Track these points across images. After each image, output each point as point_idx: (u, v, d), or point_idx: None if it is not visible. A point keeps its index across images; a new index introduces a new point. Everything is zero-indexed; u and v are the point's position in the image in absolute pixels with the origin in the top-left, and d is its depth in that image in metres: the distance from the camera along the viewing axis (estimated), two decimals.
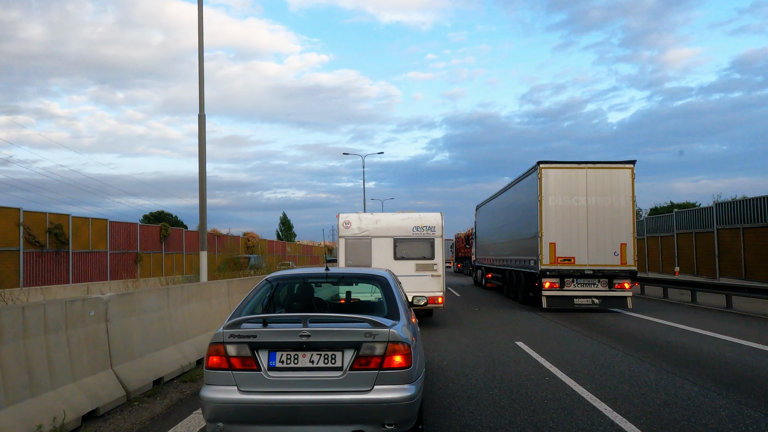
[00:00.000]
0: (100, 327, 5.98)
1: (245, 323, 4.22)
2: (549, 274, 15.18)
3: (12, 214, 22.99)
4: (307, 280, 5.70)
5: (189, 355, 7.80)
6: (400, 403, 3.96)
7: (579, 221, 15.00)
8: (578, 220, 15.03)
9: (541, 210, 15.24)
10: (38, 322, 5.03)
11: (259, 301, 5.05)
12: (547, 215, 15.22)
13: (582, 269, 15.02)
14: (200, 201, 13.87)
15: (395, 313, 4.66)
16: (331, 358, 4.04)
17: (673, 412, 5.65)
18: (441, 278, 12.62)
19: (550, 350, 9.26)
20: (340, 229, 12.84)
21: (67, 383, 5.27)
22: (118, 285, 17.35)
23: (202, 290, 9.09)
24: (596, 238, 15.02)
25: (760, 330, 11.41)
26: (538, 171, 15.33)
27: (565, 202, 15.20)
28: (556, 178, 15.28)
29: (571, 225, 15.10)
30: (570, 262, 15.08)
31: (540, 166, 15.31)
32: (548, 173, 15.27)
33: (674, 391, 6.49)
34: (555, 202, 15.23)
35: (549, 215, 15.21)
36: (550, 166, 15.30)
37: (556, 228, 15.16)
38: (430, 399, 6.13)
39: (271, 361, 4.05)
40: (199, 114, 13.71)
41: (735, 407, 5.82)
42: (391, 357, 4.02)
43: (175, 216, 57.18)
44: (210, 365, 4.11)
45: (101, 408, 5.56)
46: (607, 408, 5.79)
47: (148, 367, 6.72)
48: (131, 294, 6.83)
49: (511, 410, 5.76)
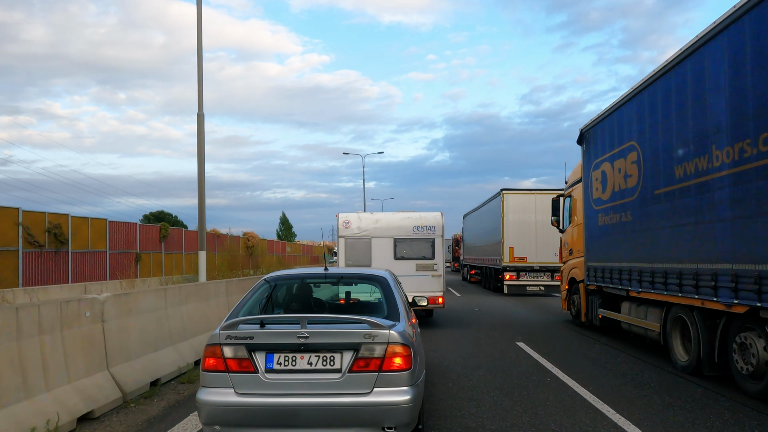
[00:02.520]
0: (96, 328, 5.91)
1: (242, 324, 4.14)
2: (508, 269, 21.29)
3: (11, 213, 22.91)
4: (306, 280, 5.62)
5: (187, 356, 7.72)
6: (400, 406, 3.88)
7: (530, 231, 20.30)
8: (529, 230, 20.45)
9: (503, 223, 21.24)
10: (32, 322, 4.95)
11: (257, 301, 4.98)
12: (507, 227, 21.22)
13: (532, 265, 21.05)
14: (199, 201, 13.80)
15: (395, 314, 4.58)
16: (330, 360, 3.96)
17: (676, 414, 5.57)
18: (441, 278, 12.55)
19: (551, 351, 9.18)
20: (340, 228, 12.77)
21: (62, 385, 5.19)
22: (117, 285, 17.28)
23: (200, 290, 9.02)
24: (542, 243, 20.57)
25: None
26: (501, 196, 21.47)
27: (520, 218, 20.96)
28: (515, 201, 21.27)
29: (524, 234, 20.80)
30: (523, 261, 21.11)
31: (503, 192, 21.43)
32: (509, 197, 21.39)
33: (677, 393, 6.42)
34: (513, 218, 21.16)
35: (509, 227, 21.22)
36: (510, 192, 21.44)
37: (513, 236, 21.07)
38: (430, 401, 6.05)
39: (269, 362, 3.98)
40: (198, 113, 13.65)
41: (739, 409, 5.75)
42: (391, 359, 3.94)
43: (175, 216, 57.11)
44: (206, 367, 4.03)
45: (97, 410, 5.48)
46: (609, 410, 5.71)
47: (145, 368, 6.64)
48: (128, 294, 6.75)
49: (513, 412, 5.68)
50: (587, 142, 11.40)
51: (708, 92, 6.86)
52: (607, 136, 10.19)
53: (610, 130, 10.07)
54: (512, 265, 21.19)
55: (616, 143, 9.73)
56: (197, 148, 13.69)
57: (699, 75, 7.05)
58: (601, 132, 10.55)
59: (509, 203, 21.34)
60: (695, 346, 7.22)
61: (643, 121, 8.64)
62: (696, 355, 7.19)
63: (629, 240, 9.17)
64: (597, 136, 10.78)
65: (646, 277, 8.42)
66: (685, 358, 7.60)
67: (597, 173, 10.75)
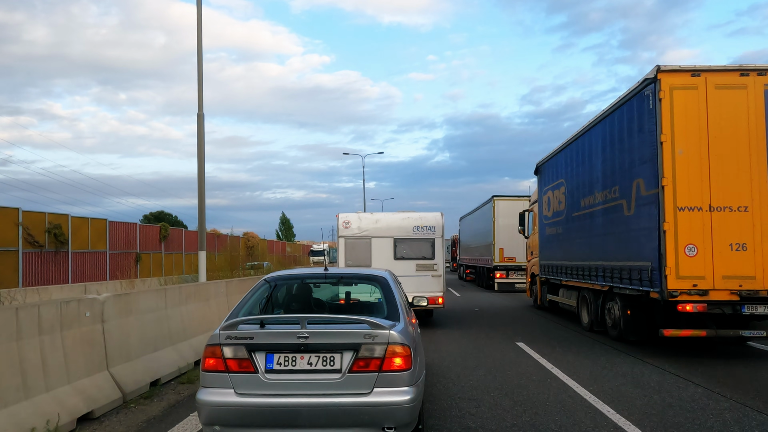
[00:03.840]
0: (95, 328, 5.90)
1: (242, 324, 4.14)
2: (499, 268, 23.39)
3: (11, 213, 22.89)
4: (306, 280, 5.62)
5: (187, 356, 7.71)
6: (400, 406, 3.88)
7: (518, 234, 20.03)
8: (517, 233, 20.09)
9: (494, 226, 23.36)
10: (32, 323, 4.95)
11: (257, 301, 4.97)
12: (498, 230, 23.26)
13: (520, 265, 22.26)
14: (199, 201, 13.79)
15: (395, 314, 4.58)
16: (330, 360, 3.96)
17: (677, 414, 5.57)
18: (441, 278, 12.54)
19: (550, 351, 9.18)
20: (340, 228, 12.76)
21: (62, 385, 5.19)
22: (117, 285, 17.27)
23: (200, 290, 9.01)
24: None
25: None
26: (492, 201, 23.66)
27: (509, 222, 21.96)
28: (504, 206, 23.14)
29: (513, 236, 21.70)
30: (512, 261, 23.03)
31: (494, 199, 23.63)
32: (499, 203, 23.45)
33: (677, 393, 6.41)
34: (503, 222, 22.95)
35: (499, 230, 23.22)
36: (500, 198, 23.56)
37: (503, 238, 23.00)
38: (430, 401, 6.05)
39: (269, 363, 3.97)
40: (198, 113, 13.64)
41: (740, 409, 5.74)
42: (391, 359, 3.94)
43: (175, 216, 57.08)
44: (206, 367, 4.02)
45: (96, 410, 5.47)
46: (609, 410, 5.71)
47: (145, 368, 6.64)
48: (128, 294, 6.75)
49: (513, 412, 5.68)
50: (540, 174, 15.39)
51: (594, 156, 10.91)
52: (551, 172, 14.29)
53: (551, 169, 14.20)
54: (502, 265, 23.35)
55: (554, 178, 13.89)
56: (197, 148, 13.68)
57: (590, 144, 11.12)
58: (547, 169, 14.71)
59: (499, 208, 23.41)
60: (591, 313, 11.31)
61: (568, 166, 12.70)
62: (592, 318, 11.25)
63: (561, 246, 13.27)
64: (545, 171, 14.91)
65: (569, 271, 12.41)
66: (586, 321, 11.69)
67: (545, 197, 14.85)
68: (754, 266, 7.92)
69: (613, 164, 9.80)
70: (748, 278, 7.92)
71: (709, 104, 8.16)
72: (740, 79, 8.22)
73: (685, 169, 8.06)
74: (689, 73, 8.23)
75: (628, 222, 9.28)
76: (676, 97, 8.16)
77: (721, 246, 7.96)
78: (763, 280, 7.92)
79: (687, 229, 7.99)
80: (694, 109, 8.15)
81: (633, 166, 9.06)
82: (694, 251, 7.98)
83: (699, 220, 8.02)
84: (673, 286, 7.95)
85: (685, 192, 8.04)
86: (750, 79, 8.18)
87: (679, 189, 8.04)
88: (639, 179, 8.84)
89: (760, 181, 7.98)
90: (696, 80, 8.23)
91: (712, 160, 8.07)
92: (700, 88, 8.20)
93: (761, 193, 7.97)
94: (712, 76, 8.23)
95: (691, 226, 8.00)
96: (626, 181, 9.32)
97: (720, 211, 8.01)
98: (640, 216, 8.82)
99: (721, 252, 7.95)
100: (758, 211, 7.95)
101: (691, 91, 8.18)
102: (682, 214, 8.02)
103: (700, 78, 8.22)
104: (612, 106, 9.81)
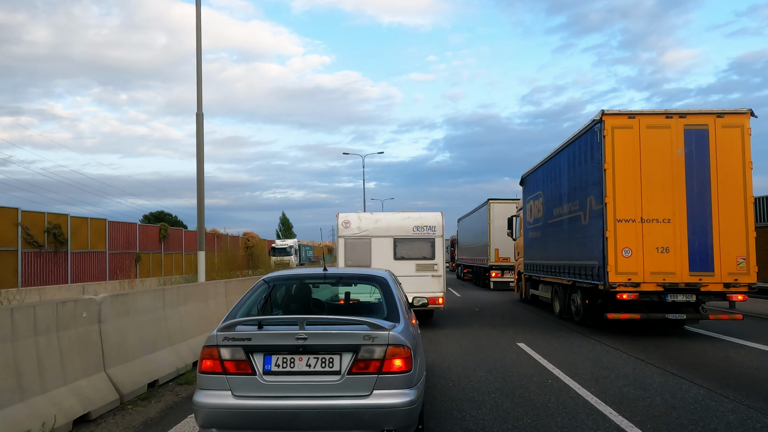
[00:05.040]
0: (92, 329, 5.84)
1: (240, 326, 4.08)
2: (494, 268, 24.73)
3: (10, 213, 22.83)
4: (305, 280, 5.56)
5: (185, 357, 7.65)
6: (400, 409, 3.81)
7: None
8: None
9: (490, 228, 24.57)
10: (27, 324, 4.88)
11: (255, 302, 4.91)
12: (493, 231, 24.40)
13: (513, 265, 22.75)
14: (198, 200, 13.73)
15: (395, 315, 4.52)
16: (329, 362, 3.90)
17: (680, 416, 5.50)
18: (442, 278, 12.47)
19: (552, 352, 9.12)
20: (340, 228, 12.69)
21: (58, 387, 5.12)
22: (116, 285, 17.21)
23: (199, 291, 8.95)
24: None
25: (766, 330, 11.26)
26: (488, 204, 24.93)
27: (504, 224, 22.56)
28: (499, 209, 24.33)
29: (507, 238, 22.21)
30: (507, 260, 24.00)
31: (489, 202, 24.91)
32: (494, 206, 24.70)
33: (680, 394, 6.35)
34: (498, 224, 23.93)
35: (494, 232, 24.29)
36: (496, 202, 24.88)
37: (498, 239, 24.03)
38: (430, 402, 5.98)
39: (267, 364, 3.91)
40: (197, 112, 13.58)
41: (744, 411, 5.68)
42: (391, 360, 3.88)
43: (175, 216, 57.04)
44: (203, 369, 3.96)
45: (93, 412, 5.41)
46: (612, 412, 5.65)
47: (143, 369, 6.58)
48: (125, 295, 6.69)
49: (514, 414, 5.62)
50: (524, 185, 17.85)
51: (562, 174, 13.19)
52: (532, 184, 16.71)
53: (532, 181, 16.65)
54: (497, 265, 24.52)
55: (535, 190, 16.27)
56: (196, 147, 13.62)
57: (560, 164, 13.40)
58: (529, 181, 17.16)
59: (495, 211, 24.57)
60: (561, 303, 13.67)
61: (545, 180, 14.92)
62: (562, 306, 13.62)
63: (540, 248, 15.55)
64: (528, 183, 17.37)
65: (546, 269, 14.69)
66: (558, 309, 14.02)
67: (528, 205, 17.29)
68: (675, 264, 10.09)
69: (575, 183, 12.07)
70: (670, 273, 10.11)
71: (641, 140, 10.26)
72: (665, 121, 10.28)
73: (622, 189, 10.23)
74: (626, 115, 10.31)
75: (584, 230, 11.51)
76: (617, 135, 10.31)
77: (650, 249, 10.14)
78: (681, 275, 10.09)
79: (624, 236, 10.16)
80: (630, 144, 10.27)
81: (587, 185, 11.26)
82: (629, 253, 10.16)
83: (633, 229, 10.20)
84: (613, 279, 10.14)
85: (623, 207, 10.21)
86: (673, 120, 10.27)
87: (618, 205, 10.23)
88: (591, 196, 11.02)
89: (679, 200, 10.16)
90: (632, 121, 10.30)
91: (643, 183, 10.24)
92: (635, 127, 10.29)
93: (680, 208, 10.15)
94: (644, 118, 10.30)
95: (627, 233, 10.17)
96: (583, 197, 11.57)
97: (649, 222, 10.20)
98: (591, 225, 11.03)
99: (649, 253, 10.14)
100: (678, 222, 10.14)
101: (627, 129, 10.30)
102: (620, 224, 10.21)
103: (634, 120, 10.30)
104: (575, 135, 12.07)
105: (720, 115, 10.25)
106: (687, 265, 10.06)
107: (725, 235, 10.03)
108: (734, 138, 10.18)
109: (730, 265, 10.01)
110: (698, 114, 10.28)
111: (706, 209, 10.12)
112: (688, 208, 10.13)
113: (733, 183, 10.10)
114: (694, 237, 10.07)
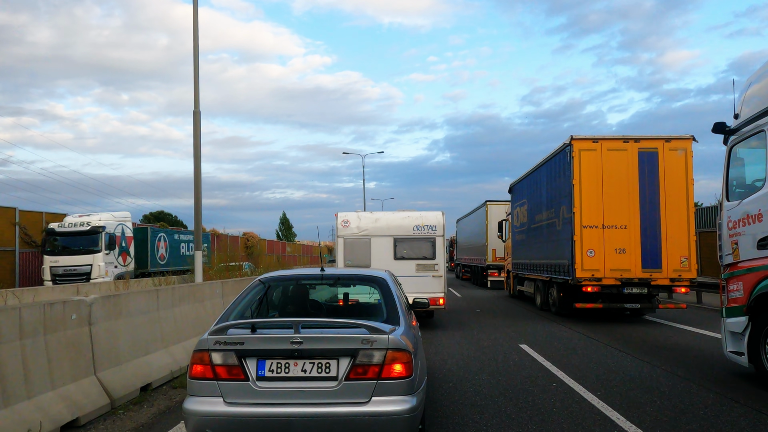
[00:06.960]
0: (82, 331, 5.65)
1: (232, 329, 3.89)
2: (491, 267, 25.56)
3: (8, 213, 22.67)
4: (302, 281, 5.38)
5: (180, 360, 7.45)
6: (400, 416, 3.62)
7: None
8: None
9: (487, 229, 25.54)
10: (12, 326, 4.70)
11: (249, 303, 4.72)
12: (490, 232, 25.18)
13: None
14: (195, 199, 13.55)
15: (395, 317, 4.33)
16: (325, 367, 3.71)
17: (690, 422, 5.31)
18: (442, 279, 12.28)
19: (555, 354, 8.93)
20: (339, 228, 12.50)
21: (45, 392, 4.94)
22: (112, 285, 17.03)
23: (195, 291, 8.76)
24: None
25: None
26: (485, 206, 26.07)
27: None
28: (496, 210, 25.20)
29: None
30: (503, 260, 23.90)
31: (487, 203, 26.00)
32: (491, 207, 25.72)
33: (689, 399, 6.16)
34: (495, 225, 24.31)
35: (491, 233, 25.03)
36: (493, 203, 25.77)
37: (494, 240, 24.54)
38: (431, 407, 5.79)
39: (260, 370, 3.72)
40: (194, 111, 13.42)
41: (755, 416, 5.49)
42: (391, 365, 3.69)
43: (175, 216, 56.89)
44: (194, 374, 3.78)
45: (82, 417, 5.22)
46: (619, 417, 5.46)
47: (135, 372, 6.38)
48: (117, 296, 6.49)
49: (518, 419, 5.43)
50: (512, 192, 19.86)
51: (542, 186, 15.34)
52: (519, 193, 18.84)
53: (519, 190, 18.79)
54: (494, 264, 25.26)
55: (521, 198, 18.40)
56: (194, 145, 13.45)
57: (540, 177, 15.49)
58: (516, 190, 19.19)
59: (492, 212, 25.45)
60: (542, 296, 15.58)
61: (529, 189, 17.02)
62: (542, 299, 15.58)
63: (525, 249, 17.67)
64: (515, 191, 19.41)
65: (530, 267, 16.80)
66: (539, 302, 15.93)
67: (515, 211, 19.45)
68: (630, 263, 12.23)
69: (551, 194, 14.19)
70: (626, 270, 12.24)
71: (603, 160, 12.37)
72: (623, 144, 12.40)
73: (588, 201, 12.33)
74: (591, 140, 12.47)
75: (558, 234, 13.61)
76: (583, 156, 12.44)
77: (610, 250, 12.27)
78: (635, 272, 12.21)
79: (588, 239, 12.29)
80: (594, 163, 12.39)
81: (561, 196, 13.40)
82: (593, 253, 12.29)
83: (596, 233, 12.31)
84: (579, 275, 12.32)
85: (588, 215, 12.32)
86: (629, 144, 12.38)
87: (584, 213, 12.33)
88: (563, 206, 13.12)
89: (634, 210, 12.25)
90: (595, 145, 12.44)
91: (604, 196, 12.33)
92: (598, 150, 12.43)
93: (634, 217, 12.25)
94: (605, 142, 12.44)
95: (591, 237, 12.30)
96: (557, 206, 13.68)
97: (609, 228, 12.31)
98: (564, 230, 13.12)
99: (609, 254, 12.26)
100: (632, 228, 12.25)
101: (592, 151, 12.44)
102: (586, 230, 12.31)
103: (598, 143, 12.45)
104: (552, 154, 14.22)
105: (668, 140, 12.28)
106: (640, 263, 12.15)
107: (671, 238, 12.09)
108: (679, 159, 12.22)
109: (675, 263, 12.12)
110: (649, 139, 12.36)
111: (656, 217, 12.20)
112: (641, 216, 12.19)
113: (678, 196, 12.18)
114: (646, 240, 12.16)
